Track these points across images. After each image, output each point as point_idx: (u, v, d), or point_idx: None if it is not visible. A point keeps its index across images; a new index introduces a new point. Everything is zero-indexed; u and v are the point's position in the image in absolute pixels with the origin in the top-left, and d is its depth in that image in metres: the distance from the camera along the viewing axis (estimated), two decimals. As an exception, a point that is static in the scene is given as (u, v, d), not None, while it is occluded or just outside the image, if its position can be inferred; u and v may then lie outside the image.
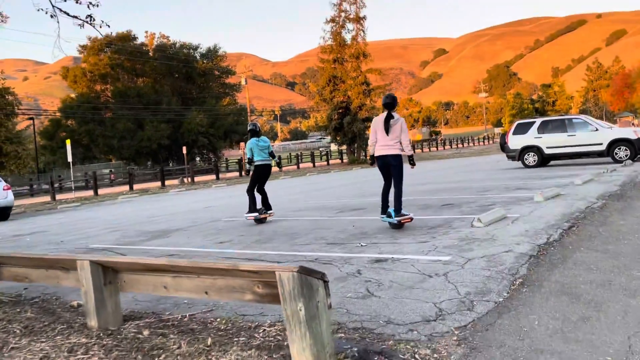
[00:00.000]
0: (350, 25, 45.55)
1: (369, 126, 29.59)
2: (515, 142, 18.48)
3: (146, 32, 63.07)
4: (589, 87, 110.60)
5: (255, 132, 9.59)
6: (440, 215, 8.16)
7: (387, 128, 7.21)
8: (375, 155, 7.39)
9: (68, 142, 30.11)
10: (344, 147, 48.34)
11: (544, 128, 18.10)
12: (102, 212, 16.16)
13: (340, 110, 45.24)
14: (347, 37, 45.81)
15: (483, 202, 9.43)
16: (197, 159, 59.28)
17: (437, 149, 68.04)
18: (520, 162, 18.55)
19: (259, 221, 9.38)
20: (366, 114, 45.37)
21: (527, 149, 18.27)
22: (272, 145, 9.84)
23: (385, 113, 7.30)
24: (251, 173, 9.63)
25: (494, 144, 73.82)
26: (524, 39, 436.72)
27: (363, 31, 45.48)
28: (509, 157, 18.89)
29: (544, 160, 18.25)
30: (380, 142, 7.29)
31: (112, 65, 53.47)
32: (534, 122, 18.49)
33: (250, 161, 9.47)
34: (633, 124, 79.42)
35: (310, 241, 6.88)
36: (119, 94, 51.75)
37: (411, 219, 7.37)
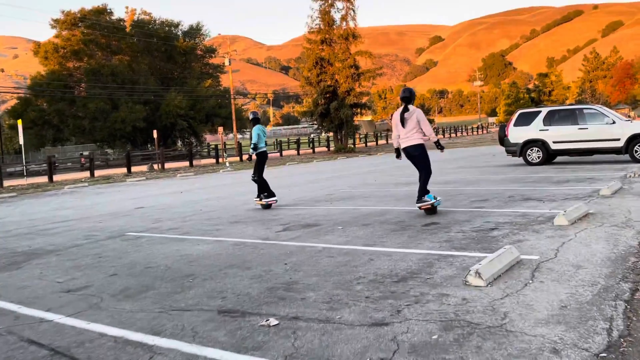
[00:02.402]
0: (340, 4, 42.47)
1: (357, 112, 27.17)
2: (517, 134, 15.77)
3: (126, 7, 59.38)
4: (585, 77, 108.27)
5: (259, 120, 10.05)
6: (417, 249, 5.43)
7: (402, 121, 7.53)
8: (401, 147, 7.71)
9: (19, 122, 27.14)
10: (331, 134, 45.48)
11: (550, 119, 15.40)
12: (17, 210, 13.34)
13: (327, 95, 42.30)
14: (337, 16, 42.75)
15: (480, 222, 6.73)
16: (179, 143, 56.25)
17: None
18: (521, 158, 15.89)
19: (267, 207, 9.64)
20: (354, 100, 42.48)
21: (530, 143, 15.57)
22: (269, 129, 9.18)
23: (402, 107, 7.58)
24: (255, 160, 9.93)
25: (488, 134, 71.31)
26: (520, 28, 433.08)
27: (353, 10, 42.41)
28: (508, 152, 16.19)
29: (549, 156, 15.60)
30: (401, 135, 7.61)
31: (85, 41, 49.91)
32: (539, 112, 15.76)
33: (256, 147, 9.76)
34: (629, 116, 77.24)
35: (198, 301, 4.15)
36: (92, 72, 48.32)
37: (431, 205, 7.55)
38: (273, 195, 9.78)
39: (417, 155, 7.57)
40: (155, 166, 33.69)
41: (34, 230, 8.98)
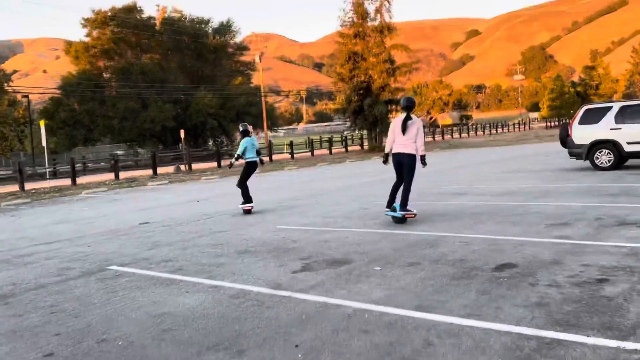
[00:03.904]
0: (374, -5, 40.34)
1: (393, 109, 26.54)
2: (583, 134, 13.56)
3: (157, 5, 58.82)
4: (634, 70, 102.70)
5: (248, 133, 10.78)
6: (498, 322, 3.58)
7: (404, 128, 7.67)
8: (392, 152, 7.87)
9: (42, 122, 26.42)
10: (365, 131, 43.50)
11: (623, 116, 13.13)
12: (16, 223, 12.07)
13: (361, 91, 40.37)
14: (371, 9, 40.69)
15: (576, 265, 4.81)
16: (210, 142, 55.29)
17: (469, 135, 62.40)
18: (587, 161, 13.69)
19: (247, 212, 10.23)
20: (389, 96, 40.35)
21: (599, 145, 13.35)
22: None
23: (404, 114, 7.73)
24: (243, 168, 10.64)
25: (530, 130, 67.90)
26: (561, 19, 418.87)
27: (388, 1, 40.23)
28: (572, 154, 13.99)
29: (621, 159, 13.35)
30: (397, 141, 7.77)
31: (115, 40, 49.44)
32: (609, 108, 13.49)
33: (239, 157, 10.59)
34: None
35: None
36: (122, 71, 47.79)
37: (414, 215, 7.60)
38: (250, 201, 10.35)
39: (409, 164, 7.75)
40: (182, 167, 32.59)
41: (9, 257, 7.51)
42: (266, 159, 36.92)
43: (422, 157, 7.86)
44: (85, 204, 15.65)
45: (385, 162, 8.14)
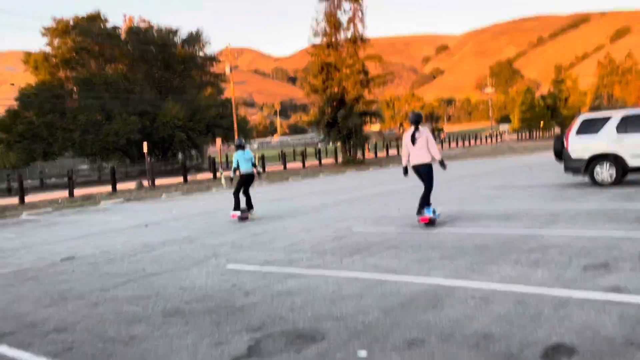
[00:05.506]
0: (346, 5, 39.11)
1: (367, 121, 26.48)
2: (580, 147, 12.15)
3: (124, 15, 56.66)
4: (600, 83, 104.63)
5: (241, 147, 11.54)
6: None
7: (413, 141, 8.34)
8: (410, 164, 8.46)
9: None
10: (339, 144, 41.90)
11: (626, 126, 11.77)
12: None
13: (334, 103, 38.92)
14: (343, 19, 39.42)
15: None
16: (180, 156, 52.86)
17: (443, 147, 61.56)
18: (586, 177, 12.29)
19: (242, 219, 10.90)
20: (364, 107, 39.04)
21: (599, 158, 11.96)
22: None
23: (412, 128, 8.37)
24: (237, 180, 11.49)
25: (503, 142, 67.66)
26: (527, 35, 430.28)
27: (361, 11, 39.07)
28: (568, 168, 12.56)
29: (623, 174, 11.99)
30: (411, 154, 8.41)
31: (77, 49, 46.89)
32: (609, 118, 12.13)
33: (235, 170, 11.45)
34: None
35: None
36: (84, 82, 45.21)
37: (427, 219, 8.11)
38: (237, 208, 10.98)
39: (426, 172, 8.33)
40: (145, 183, 30.31)
41: None
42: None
43: (441, 162, 8.42)
44: (17, 229, 13.50)
45: (405, 174, 8.64)
